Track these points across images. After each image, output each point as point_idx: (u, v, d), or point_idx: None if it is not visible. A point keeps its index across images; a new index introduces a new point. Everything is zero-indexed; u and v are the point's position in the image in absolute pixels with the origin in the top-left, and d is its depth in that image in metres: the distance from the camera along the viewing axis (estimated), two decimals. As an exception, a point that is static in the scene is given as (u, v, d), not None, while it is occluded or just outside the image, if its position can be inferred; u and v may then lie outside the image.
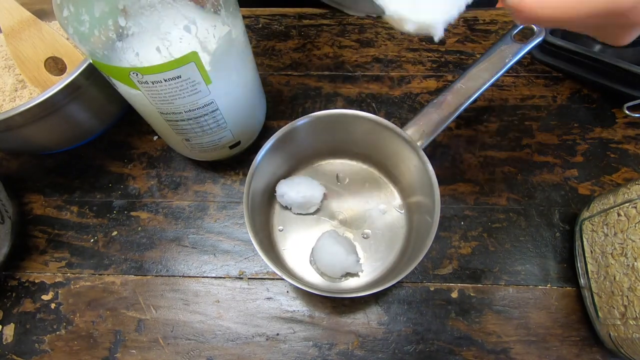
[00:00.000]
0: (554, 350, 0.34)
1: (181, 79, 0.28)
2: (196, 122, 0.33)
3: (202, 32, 0.26)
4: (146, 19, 0.24)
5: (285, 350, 0.35)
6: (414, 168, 0.35)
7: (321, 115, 0.35)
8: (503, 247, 0.38)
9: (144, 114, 0.34)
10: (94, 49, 0.26)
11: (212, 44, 0.28)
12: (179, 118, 0.32)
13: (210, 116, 0.33)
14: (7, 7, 0.38)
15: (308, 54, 0.48)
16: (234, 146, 0.39)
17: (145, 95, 0.29)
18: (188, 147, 0.37)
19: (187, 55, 0.26)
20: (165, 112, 0.31)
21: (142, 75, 0.27)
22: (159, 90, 0.28)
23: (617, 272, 0.30)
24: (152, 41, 0.25)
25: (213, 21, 0.27)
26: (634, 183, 0.31)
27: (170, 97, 0.29)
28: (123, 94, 0.32)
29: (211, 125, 0.34)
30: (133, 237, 0.40)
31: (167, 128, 0.34)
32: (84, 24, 0.24)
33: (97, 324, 0.36)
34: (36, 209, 0.42)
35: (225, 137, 0.36)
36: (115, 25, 0.24)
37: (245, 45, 0.33)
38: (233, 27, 0.29)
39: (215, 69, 0.29)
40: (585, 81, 0.44)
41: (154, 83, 0.28)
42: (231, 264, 0.38)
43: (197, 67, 0.28)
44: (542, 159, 0.41)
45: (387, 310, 0.36)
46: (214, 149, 0.38)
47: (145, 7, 0.24)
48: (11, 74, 0.42)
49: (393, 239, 0.38)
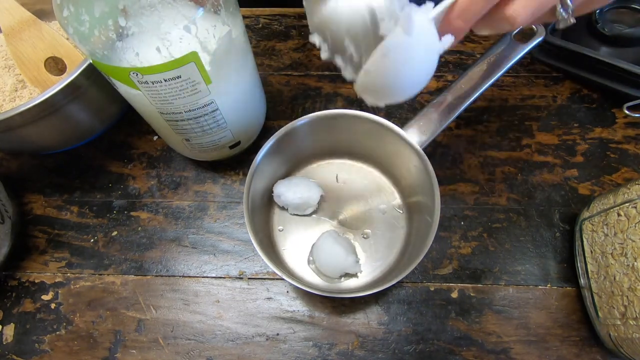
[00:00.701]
0: (554, 350, 0.34)
1: (181, 79, 0.28)
2: (196, 122, 0.33)
3: (202, 32, 0.26)
4: (146, 19, 0.24)
5: (285, 350, 0.35)
6: (414, 168, 0.35)
7: (321, 115, 0.35)
8: (503, 247, 0.38)
9: (144, 114, 0.34)
10: (94, 49, 0.26)
11: (212, 44, 0.28)
12: (178, 118, 0.32)
13: (210, 116, 0.33)
14: (7, 7, 0.38)
15: (308, 54, 0.48)
16: (234, 146, 0.39)
17: (145, 95, 0.29)
18: (188, 147, 0.37)
19: (187, 55, 0.26)
20: (165, 112, 0.31)
21: (142, 75, 0.27)
22: (159, 90, 0.28)
23: (617, 272, 0.30)
24: (152, 41, 0.25)
25: (213, 21, 0.27)
26: (634, 183, 0.31)
27: (170, 97, 0.29)
28: (123, 94, 0.32)
29: (211, 125, 0.34)
30: (133, 237, 0.40)
31: (167, 128, 0.34)
32: (84, 24, 0.24)
33: (97, 324, 0.36)
34: (36, 209, 0.42)
35: (225, 137, 0.36)
36: (115, 25, 0.24)
37: (245, 45, 0.33)
38: (233, 27, 0.29)
39: (215, 69, 0.29)
40: (585, 81, 0.44)
41: (154, 83, 0.28)
42: (231, 264, 0.38)
43: (197, 67, 0.28)
44: (542, 159, 0.41)
45: (387, 310, 0.36)
46: (214, 149, 0.38)
47: (146, 7, 0.24)
48: (11, 74, 0.42)
49: (393, 239, 0.38)
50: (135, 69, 0.26)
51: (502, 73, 0.35)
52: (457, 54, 0.47)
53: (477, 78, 0.35)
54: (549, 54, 0.45)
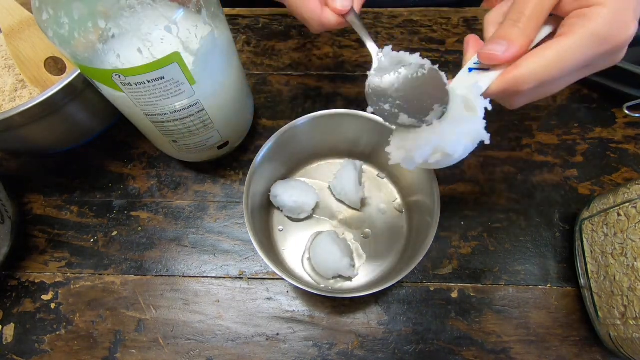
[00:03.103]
0: (554, 350, 0.34)
1: (164, 79, 0.27)
2: (182, 123, 0.32)
3: (183, 32, 0.26)
4: (126, 21, 0.24)
5: (285, 350, 0.35)
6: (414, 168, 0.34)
7: (321, 115, 0.35)
8: (503, 247, 0.38)
9: (131, 117, 0.34)
10: (75, 51, 0.25)
11: (194, 44, 0.27)
12: (164, 119, 0.32)
13: (196, 117, 0.32)
14: (7, 7, 0.38)
15: (308, 54, 0.48)
16: (222, 146, 0.39)
17: (129, 97, 0.29)
18: (176, 149, 0.37)
19: (169, 56, 0.26)
20: (150, 113, 0.31)
21: (124, 77, 0.26)
22: (143, 92, 0.28)
23: (617, 272, 0.30)
24: (133, 42, 0.25)
25: (194, 21, 0.27)
26: (634, 183, 0.31)
27: (154, 98, 0.29)
28: (108, 97, 0.31)
29: (197, 126, 0.34)
30: (133, 237, 0.40)
31: (154, 130, 0.34)
32: (64, 27, 0.24)
33: (97, 324, 0.36)
34: (36, 209, 0.42)
35: (213, 138, 0.36)
36: (95, 28, 0.24)
37: (230, 45, 0.33)
38: (216, 27, 0.29)
39: (200, 69, 0.29)
40: (585, 81, 0.44)
41: (137, 85, 0.27)
42: (231, 264, 0.38)
43: (181, 67, 0.27)
44: (542, 159, 0.41)
45: (387, 310, 0.36)
46: (202, 150, 0.38)
47: (125, 8, 0.23)
48: (11, 74, 0.42)
49: (393, 239, 0.38)
50: (117, 71, 0.26)
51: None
52: (457, 54, 0.47)
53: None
54: (549, 54, 0.45)
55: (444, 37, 0.49)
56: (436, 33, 0.49)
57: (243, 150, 0.43)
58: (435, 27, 0.49)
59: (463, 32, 0.49)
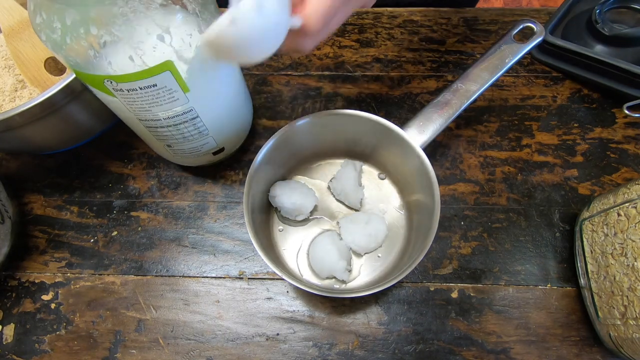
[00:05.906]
0: (554, 350, 0.34)
1: (157, 87, 0.27)
2: (176, 129, 0.32)
3: (177, 41, 0.26)
4: (118, 28, 0.24)
5: (285, 350, 0.35)
6: (414, 168, 0.35)
7: (321, 115, 0.35)
8: (503, 247, 0.38)
9: (126, 121, 0.34)
10: (67, 56, 0.25)
11: (188, 53, 0.27)
12: (157, 125, 0.31)
13: (190, 123, 0.32)
14: (7, 7, 0.38)
15: (308, 54, 0.48)
16: (217, 152, 0.38)
17: (122, 102, 0.29)
18: (171, 153, 0.37)
19: (161, 64, 0.26)
20: (143, 118, 0.31)
21: (116, 83, 0.26)
22: (135, 98, 0.28)
23: (617, 272, 0.30)
24: (125, 50, 0.25)
25: (189, 30, 0.26)
26: (634, 183, 0.31)
27: (147, 104, 0.29)
28: (102, 101, 0.31)
29: (192, 132, 0.33)
30: (133, 237, 0.40)
31: (148, 134, 0.34)
32: (56, 32, 0.24)
33: (97, 324, 0.36)
34: (36, 209, 0.42)
35: (208, 144, 0.36)
36: (88, 34, 0.24)
37: None
38: None
39: (194, 77, 0.29)
40: (585, 81, 0.44)
41: (129, 91, 0.27)
42: (231, 264, 0.38)
43: (174, 75, 0.27)
44: (542, 159, 0.41)
45: (387, 310, 0.36)
46: (197, 156, 0.37)
47: (118, 15, 0.23)
48: (11, 74, 0.42)
49: (393, 239, 0.38)
50: (109, 77, 0.26)
51: (502, 73, 0.35)
52: (457, 54, 0.48)
53: (477, 78, 0.35)
54: (548, 54, 0.45)
55: (444, 37, 0.49)
56: (436, 33, 0.49)
57: (243, 150, 0.43)
58: (435, 27, 0.49)
59: (463, 32, 0.49)
